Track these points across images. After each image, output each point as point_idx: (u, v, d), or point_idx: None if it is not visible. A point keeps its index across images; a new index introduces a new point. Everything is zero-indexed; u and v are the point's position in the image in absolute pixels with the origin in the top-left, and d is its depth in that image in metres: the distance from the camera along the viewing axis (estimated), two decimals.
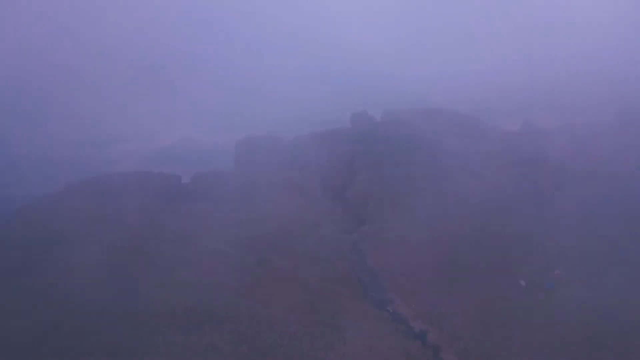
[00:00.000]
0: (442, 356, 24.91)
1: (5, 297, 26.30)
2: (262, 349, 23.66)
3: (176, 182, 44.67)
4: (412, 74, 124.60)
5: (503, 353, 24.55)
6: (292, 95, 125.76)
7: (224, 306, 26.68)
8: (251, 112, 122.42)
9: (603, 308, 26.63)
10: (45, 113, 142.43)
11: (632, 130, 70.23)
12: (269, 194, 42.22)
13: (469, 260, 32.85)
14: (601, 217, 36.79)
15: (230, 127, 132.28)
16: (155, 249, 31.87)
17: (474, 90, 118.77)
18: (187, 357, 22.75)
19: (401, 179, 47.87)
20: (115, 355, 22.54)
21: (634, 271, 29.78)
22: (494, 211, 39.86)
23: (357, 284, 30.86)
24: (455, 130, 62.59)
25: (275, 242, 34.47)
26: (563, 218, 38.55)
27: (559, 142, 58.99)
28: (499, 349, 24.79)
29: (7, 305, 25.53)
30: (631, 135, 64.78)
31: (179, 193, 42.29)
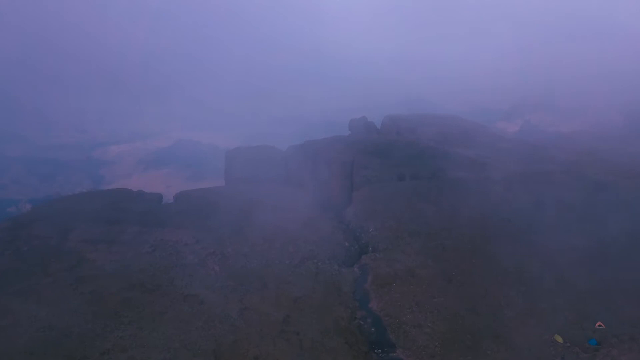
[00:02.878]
0: None
1: None
2: None
3: (156, 204, 38.31)
4: (410, 76, 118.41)
5: None
6: (290, 97, 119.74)
7: None
8: (248, 114, 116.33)
9: None
10: (41, 114, 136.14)
11: None
12: (259, 218, 35.91)
13: (491, 303, 26.80)
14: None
15: (228, 128, 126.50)
16: (120, 297, 25.60)
17: (473, 90, 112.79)
18: None
19: (406, 195, 41.74)
20: None
21: None
22: (513, 237, 33.75)
23: (359, 338, 24.67)
24: (461, 137, 56.37)
25: (263, 282, 28.29)
26: (593, 244, 32.52)
27: (573, 150, 52.88)
28: None
29: None
30: None
31: (158, 217, 35.80)
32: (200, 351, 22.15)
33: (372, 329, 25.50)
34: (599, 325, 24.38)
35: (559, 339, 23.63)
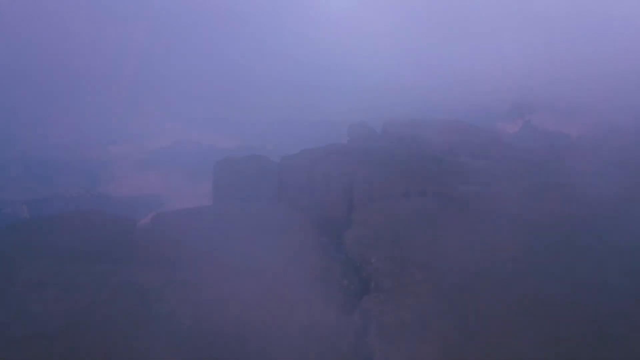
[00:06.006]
0: None
1: None
2: None
3: (127, 232, 31.88)
4: (409, 76, 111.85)
5: None
6: (289, 98, 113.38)
7: None
8: (245, 116, 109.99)
9: None
10: (37, 114, 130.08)
11: None
12: (244, 249, 29.50)
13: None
14: None
15: (227, 129, 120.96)
16: None
17: (472, 90, 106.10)
18: None
19: (413, 216, 35.13)
20: None
21: None
22: (544, 271, 27.04)
23: None
24: (468, 145, 49.71)
25: (243, 341, 21.85)
26: (630, 277, 26.04)
27: (591, 158, 46.26)
28: None
29: None
30: None
31: (128, 250, 29.34)
32: None
33: None
34: None
35: None
